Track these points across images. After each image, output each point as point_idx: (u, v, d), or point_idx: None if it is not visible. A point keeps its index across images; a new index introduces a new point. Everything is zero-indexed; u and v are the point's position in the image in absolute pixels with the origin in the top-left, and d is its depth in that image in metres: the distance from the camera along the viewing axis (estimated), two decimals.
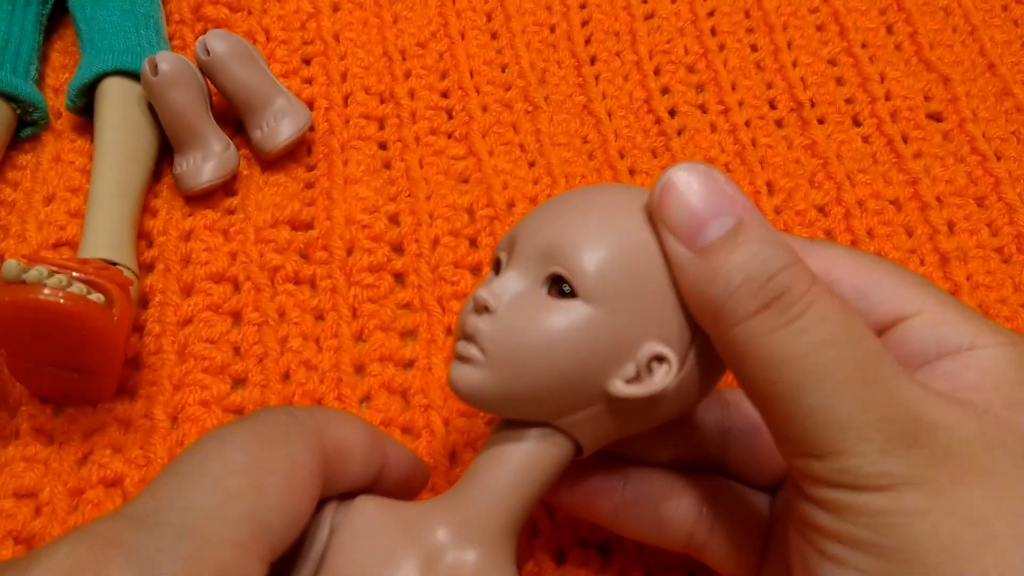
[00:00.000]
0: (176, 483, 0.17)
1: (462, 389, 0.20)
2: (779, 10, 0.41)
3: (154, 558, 0.16)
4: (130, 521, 0.16)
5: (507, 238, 0.21)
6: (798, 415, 0.18)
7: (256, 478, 0.18)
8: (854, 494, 0.18)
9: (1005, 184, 0.36)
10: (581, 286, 0.19)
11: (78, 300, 0.26)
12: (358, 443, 0.21)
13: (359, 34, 0.39)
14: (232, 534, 0.17)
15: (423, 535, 0.20)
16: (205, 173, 0.33)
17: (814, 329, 0.18)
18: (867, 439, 0.17)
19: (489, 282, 0.21)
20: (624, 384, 0.19)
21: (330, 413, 0.21)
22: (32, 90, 0.35)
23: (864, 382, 0.18)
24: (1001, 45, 0.40)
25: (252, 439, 0.18)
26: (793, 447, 0.18)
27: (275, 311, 0.32)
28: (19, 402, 0.29)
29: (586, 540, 0.28)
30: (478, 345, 0.20)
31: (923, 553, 0.17)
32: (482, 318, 0.20)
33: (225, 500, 0.17)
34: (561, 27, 0.40)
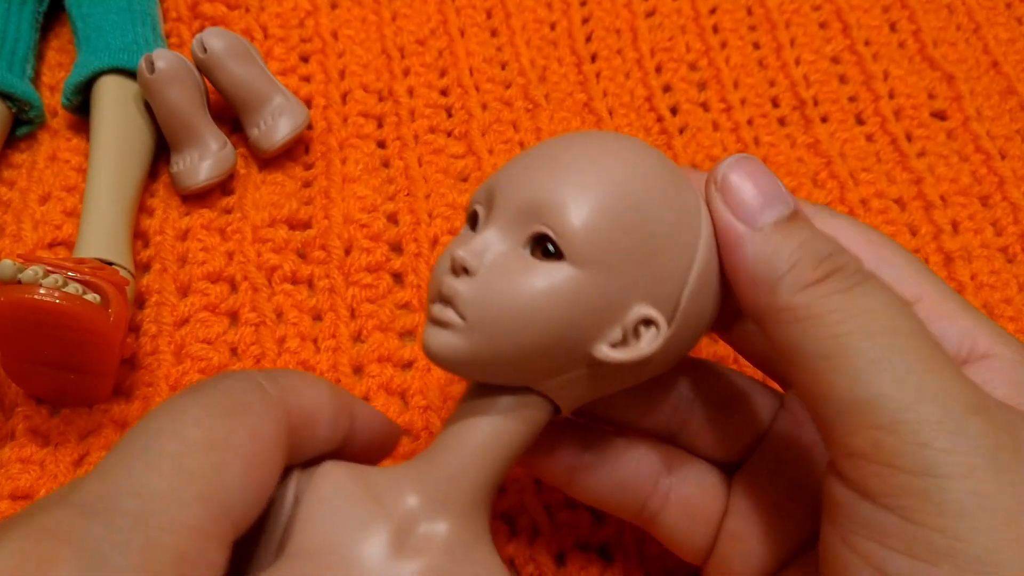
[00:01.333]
0: (128, 464, 0.16)
1: (439, 355, 0.19)
2: (781, 7, 0.40)
3: (106, 552, 0.15)
4: (80, 510, 0.15)
5: (484, 190, 0.20)
6: (867, 374, 0.17)
7: (215, 456, 0.16)
8: (929, 481, 0.16)
9: (1009, 183, 0.35)
10: (567, 247, 0.18)
11: (74, 300, 0.26)
12: (324, 408, 0.19)
13: (357, 31, 0.39)
14: (190, 519, 0.16)
15: (393, 503, 0.19)
16: (202, 172, 0.33)
17: (875, 295, 0.18)
18: (943, 403, 0.16)
19: (466, 240, 0.19)
20: (611, 348, 0.19)
21: (294, 377, 0.19)
22: (28, 88, 0.34)
23: (930, 348, 0.17)
24: (1005, 43, 0.40)
25: (211, 413, 0.17)
26: (857, 418, 0.17)
27: (272, 311, 0.31)
28: (15, 403, 0.29)
29: (587, 543, 0.28)
30: (456, 309, 0.19)
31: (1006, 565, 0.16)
32: (460, 280, 0.19)
33: (182, 482, 0.16)
34: (561, 24, 0.40)
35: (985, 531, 0.16)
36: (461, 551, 0.19)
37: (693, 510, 0.23)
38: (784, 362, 0.19)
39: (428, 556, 0.18)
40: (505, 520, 0.28)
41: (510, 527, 0.28)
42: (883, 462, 0.17)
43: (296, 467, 0.19)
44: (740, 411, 0.24)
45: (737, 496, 0.23)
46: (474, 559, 0.19)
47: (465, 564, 0.19)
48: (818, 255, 0.18)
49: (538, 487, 0.28)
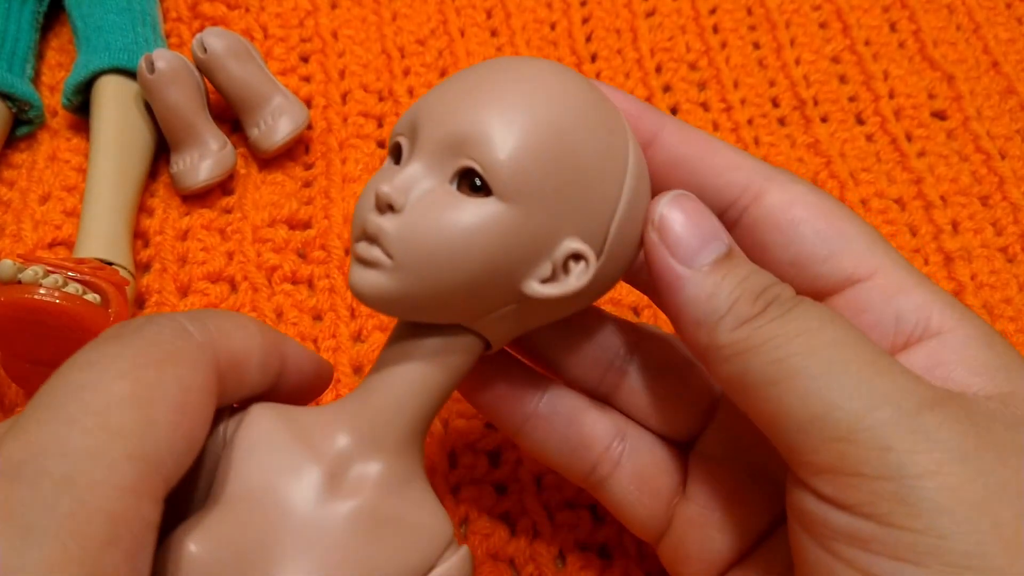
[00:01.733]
0: (50, 422, 0.15)
1: (367, 295, 0.18)
2: (781, 7, 0.40)
3: (34, 517, 0.14)
4: (3, 476, 0.14)
5: (407, 121, 0.19)
6: (817, 391, 0.17)
7: (143, 411, 0.16)
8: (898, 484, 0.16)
9: (1010, 183, 0.35)
10: (495, 182, 0.18)
11: (74, 300, 0.26)
12: (253, 350, 0.19)
13: (357, 31, 0.39)
14: (119, 479, 0.15)
15: (325, 444, 0.18)
16: (202, 172, 0.33)
17: (809, 316, 0.18)
18: (897, 404, 0.17)
19: (390, 175, 0.18)
20: (540, 284, 0.18)
21: (222, 319, 0.19)
22: (28, 88, 0.34)
23: (874, 355, 0.17)
24: (1005, 43, 0.40)
25: (136, 364, 0.16)
26: (815, 435, 0.17)
27: (273, 311, 0.31)
28: (15, 403, 0.29)
29: (586, 543, 0.28)
30: (382, 247, 0.18)
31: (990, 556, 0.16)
32: (386, 217, 0.18)
33: (109, 439, 0.15)
34: (561, 24, 0.40)
35: (965, 524, 0.16)
36: (395, 489, 0.19)
37: (643, 480, 0.23)
38: (735, 397, 0.19)
39: (362, 496, 0.18)
40: (505, 520, 0.28)
41: (510, 527, 0.28)
42: (851, 472, 0.17)
43: (226, 410, 0.19)
44: (680, 378, 0.23)
45: (693, 479, 0.23)
46: (408, 497, 0.19)
47: (399, 502, 0.19)
48: (755, 291, 0.19)
49: (538, 487, 0.28)
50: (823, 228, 0.20)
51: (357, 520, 0.18)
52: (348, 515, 0.18)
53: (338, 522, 0.18)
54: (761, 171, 0.21)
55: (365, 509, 0.18)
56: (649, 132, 0.21)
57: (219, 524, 0.17)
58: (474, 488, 0.28)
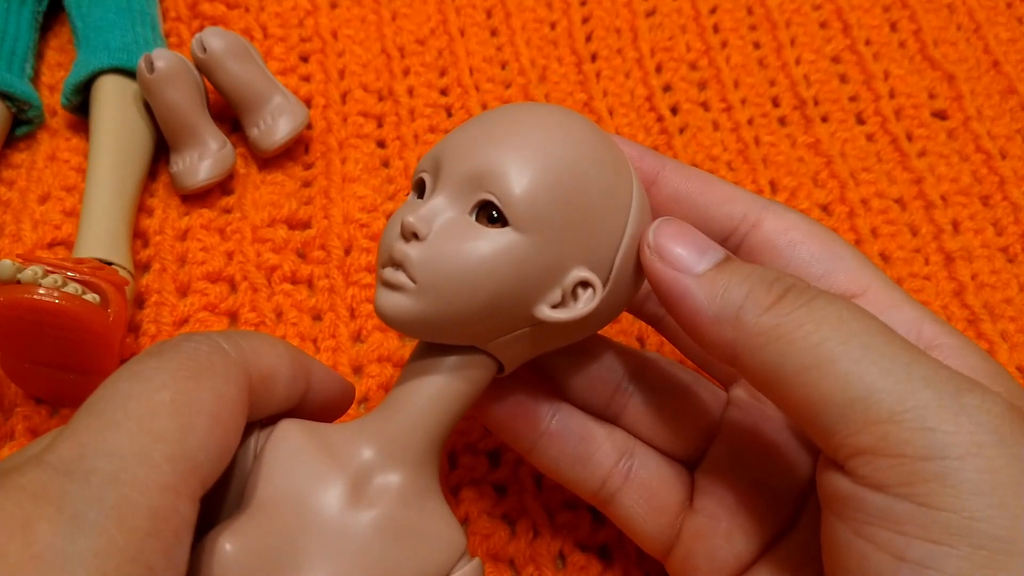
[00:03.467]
0: (99, 426, 0.17)
1: (391, 316, 0.20)
2: (782, 7, 0.40)
3: (83, 509, 0.15)
4: (55, 471, 0.16)
5: (430, 159, 0.21)
6: (854, 375, 0.17)
7: (183, 417, 0.17)
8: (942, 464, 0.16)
9: (1010, 183, 0.35)
10: (511, 214, 0.19)
11: (73, 300, 0.25)
12: (282, 368, 0.20)
13: (357, 31, 0.39)
14: (161, 477, 0.16)
15: (349, 457, 0.20)
16: (202, 172, 0.33)
17: (833, 304, 0.18)
18: (937, 386, 0.17)
19: (414, 207, 0.20)
20: (551, 309, 0.20)
21: (254, 339, 0.20)
22: (27, 88, 0.34)
23: (904, 341, 0.18)
24: (1005, 42, 0.40)
25: (176, 376, 0.18)
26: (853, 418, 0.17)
27: (272, 311, 0.31)
28: (14, 403, 0.29)
29: (586, 543, 0.28)
30: (407, 272, 0.19)
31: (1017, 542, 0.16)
32: (411, 245, 0.20)
33: (152, 442, 0.17)
34: (562, 24, 0.40)
35: (999, 507, 0.16)
36: (414, 500, 0.20)
37: (652, 496, 0.24)
38: (766, 386, 0.19)
39: (383, 505, 0.20)
40: (505, 520, 0.28)
41: (510, 527, 0.28)
42: (892, 453, 0.17)
43: (256, 424, 0.20)
44: (683, 401, 0.25)
45: (699, 493, 0.24)
46: (426, 508, 0.20)
47: (417, 513, 0.20)
48: (766, 280, 0.19)
49: (538, 487, 0.28)
50: (817, 250, 0.22)
51: (378, 528, 0.19)
52: (370, 523, 0.19)
53: (361, 529, 0.19)
54: (757, 201, 0.22)
55: (386, 518, 0.19)
56: (651, 172, 0.23)
57: (252, 527, 0.19)
58: (474, 488, 0.28)
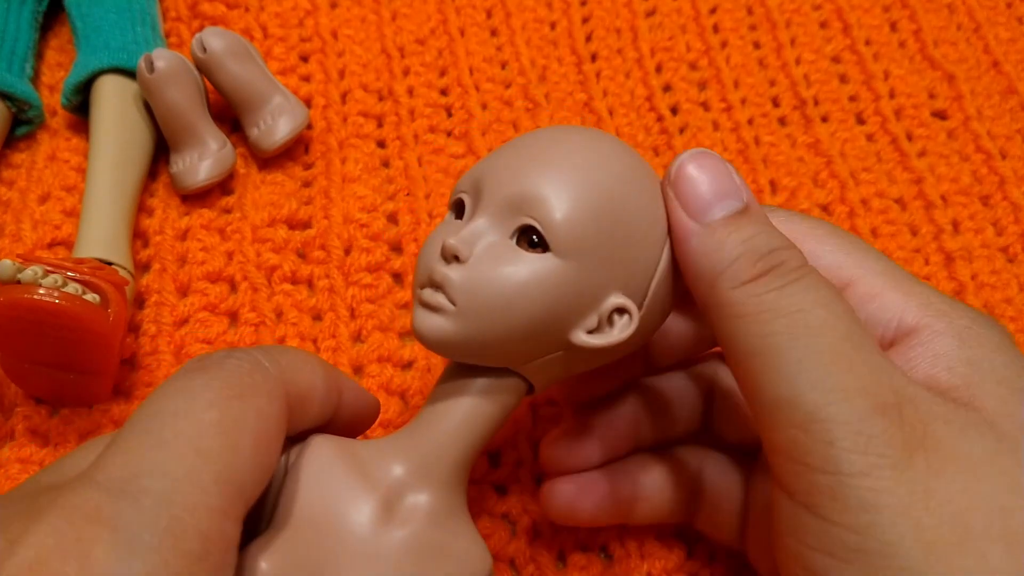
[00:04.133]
0: (149, 444, 0.17)
1: (430, 337, 0.20)
2: (782, 7, 0.40)
3: (138, 532, 0.15)
4: (108, 492, 0.16)
5: (471, 180, 0.21)
6: (789, 374, 0.18)
7: (229, 437, 0.17)
8: (836, 479, 0.17)
9: (1010, 183, 0.35)
10: (552, 239, 0.19)
11: (73, 300, 0.25)
12: (317, 386, 0.20)
13: (357, 31, 0.39)
14: (210, 500, 0.16)
15: (380, 475, 0.20)
16: (202, 172, 0.33)
17: (806, 293, 0.19)
18: (851, 404, 0.17)
19: (455, 228, 0.20)
20: (586, 335, 0.20)
21: (291, 356, 0.20)
22: (27, 88, 0.34)
23: (852, 346, 0.18)
24: (1005, 42, 0.40)
25: (222, 395, 0.18)
26: (779, 416, 0.18)
27: (272, 311, 0.31)
28: (14, 403, 0.29)
29: (587, 543, 0.28)
30: (447, 294, 0.19)
31: (906, 557, 0.17)
32: (451, 267, 0.20)
33: (201, 463, 0.17)
34: (562, 24, 0.40)
35: (886, 526, 0.17)
36: (443, 520, 0.20)
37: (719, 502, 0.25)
38: (724, 353, 0.20)
39: (414, 524, 0.20)
40: (506, 520, 0.28)
41: (511, 527, 0.28)
42: (797, 460, 0.18)
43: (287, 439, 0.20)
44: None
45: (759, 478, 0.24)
46: (454, 528, 0.20)
47: (446, 532, 0.20)
48: (758, 252, 0.19)
49: (538, 487, 0.28)
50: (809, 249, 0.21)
51: (409, 547, 0.19)
52: (401, 542, 0.19)
53: (392, 548, 0.19)
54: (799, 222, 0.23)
55: (416, 537, 0.19)
56: None
57: (286, 545, 0.18)
58: (474, 488, 0.28)
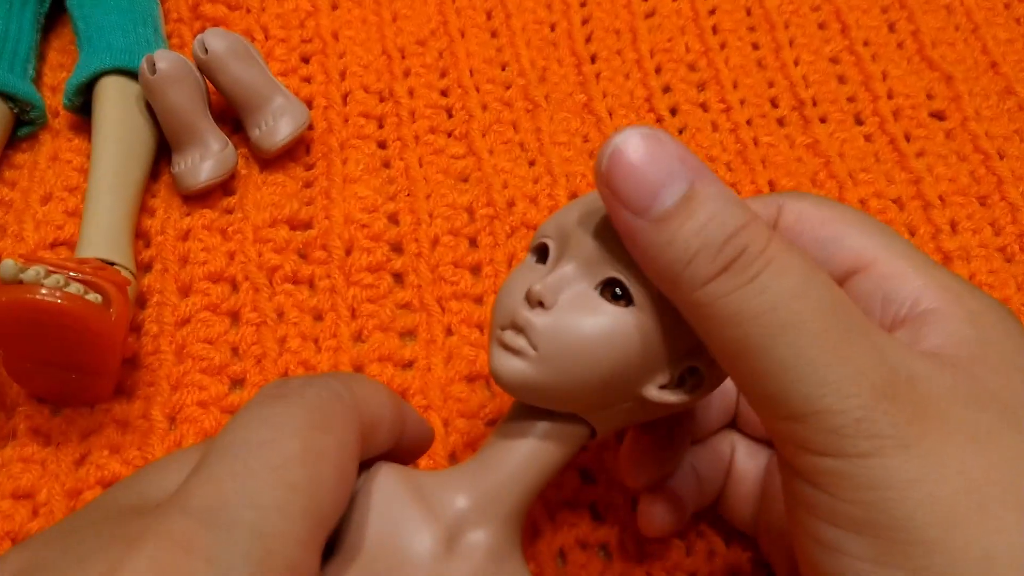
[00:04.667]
0: (238, 473, 0.17)
1: (508, 380, 0.20)
2: (780, 8, 0.41)
3: (232, 563, 0.15)
4: (201, 521, 0.16)
5: (556, 227, 0.21)
6: (773, 373, 0.17)
7: (313, 469, 0.17)
8: (841, 461, 0.17)
9: (1008, 183, 0.35)
10: (636, 294, 0.19)
11: (75, 300, 0.26)
12: (386, 415, 0.21)
13: (358, 32, 0.39)
14: (297, 531, 0.16)
15: (443, 506, 0.20)
16: (203, 172, 0.33)
17: (776, 284, 0.17)
18: (847, 393, 0.17)
19: (538, 273, 0.20)
20: (658, 390, 0.20)
21: (364, 385, 0.20)
22: (29, 89, 0.34)
23: (837, 333, 0.17)
24: (1003, 43, 0.40)
25: (305, 425, 0.18)
26: (772, 410, 0.18)
27: (273, 311, 0.31)
28: (16, 403, 0.29)
29: (587, 541, 0.28)
30: (529, 339, 0.20)
31: (921, 529, 0.17)
32: (535, 312, 0.20)
33: (288, 494, 0.17)
34: (561, 25, 0.40)
35: (898, 500, 0.17)
36: (499, 559, 0.20)
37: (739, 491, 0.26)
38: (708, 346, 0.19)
39: (474, 561, 0.20)
40: None
41: None
42: (800, 446, 0.18)
43: None
44: None
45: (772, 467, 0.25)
46: (510, 569, 0.20)
47: (503, 571, 0.20)
48: (716, 242, 0.17)
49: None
50: (822, 234, 0.21)
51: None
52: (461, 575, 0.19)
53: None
54: (770, 201, 0.22)
55: (477, 573, 0.20)
56: None
57: (353, 574, 0.19)
58: None
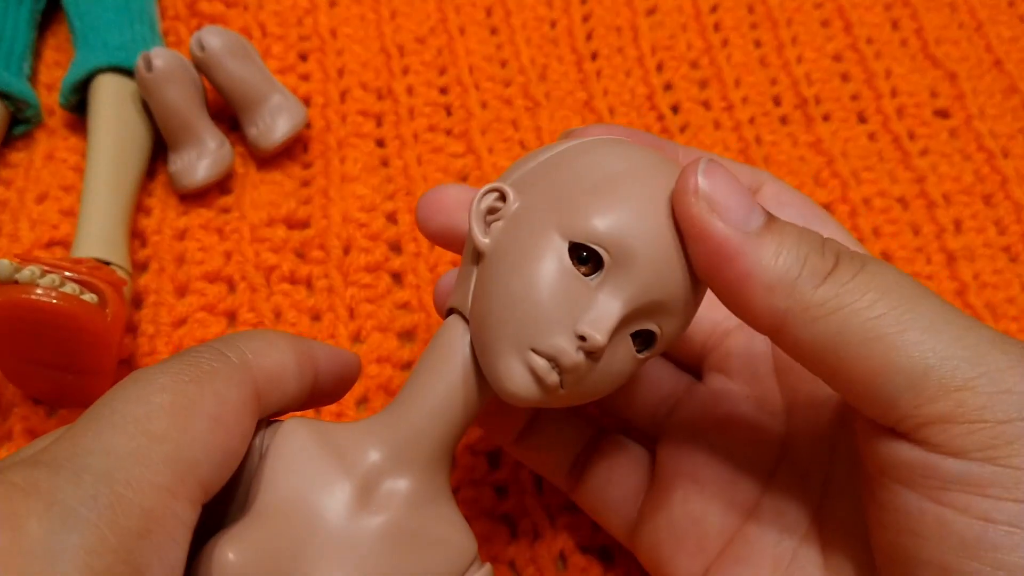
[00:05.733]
0: (96, 427, 0.17)
1: (522, 399, 0.19)
2: (783, 5, 0.40)
3: (74, 506, 0.15)
4: (48, 468, 0.16)
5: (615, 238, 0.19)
6: (921, 343, 0.17)
7: (181, 419, 0.17)
8: (1019, 425, 0.17)
9: (1012, 182, 0.35)
10: (661, 346, 0.20)
11: (71, 300, 0.25)
12: (288, 365, 0.20)
13: (356, 29, 0.39)
14: (156, 477, 0.16)
15: (356, 460, 0.19)
16: (200, 171, 0.33)
17: (884, 267, 0.18)
18: (997, 352, 0.17)
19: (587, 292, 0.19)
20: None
21: (255, 341, 0.20)
22: (25, 87, 0.34)
23: (957, 310, 0.18)
24: (1007, 41, 0.39)
25: (176, 380, 0.18)
26: (925, 388, 0.17)
27: (271, 311, 0.31)
28: (12, 404, 0.29)
29: (587, 545, 0.27)
30: (563, 378, 0.19)
31: None
32: (582, 359, 0.19)
33: (148, 443, 0.16)
34: (562, 22, 0.40)
35: None
36: (424, 505, 0.20)
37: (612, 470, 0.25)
38: (816, 359, 0.19)
39: (391, 511, 0.19)
40: (506, 522, 0.28)
41: (511, 529, 0.28)
42: (970, 420, 0.17)
43: (262, 422, 0.20)
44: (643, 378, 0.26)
45: (658, 466, 0.24)
46: (436, 513, 0.20)
47: (427, 518, 0.19)
48: (817, 244, 0.19)
49: (538, 489, 0.28)
50: (806, 212, 0.23)
51: (386, 534, 0.19)
52: (378, 529, 0.19)
53: (369, 536, 0.19)
54: (756, 173, 0.24)
55: (394, 524, 0.19)
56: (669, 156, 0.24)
57: (255, 534, 0.18)
58: (474, 489, 0.28)
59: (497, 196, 0.20)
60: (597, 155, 0.20)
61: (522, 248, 0.19)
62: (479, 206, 0.20)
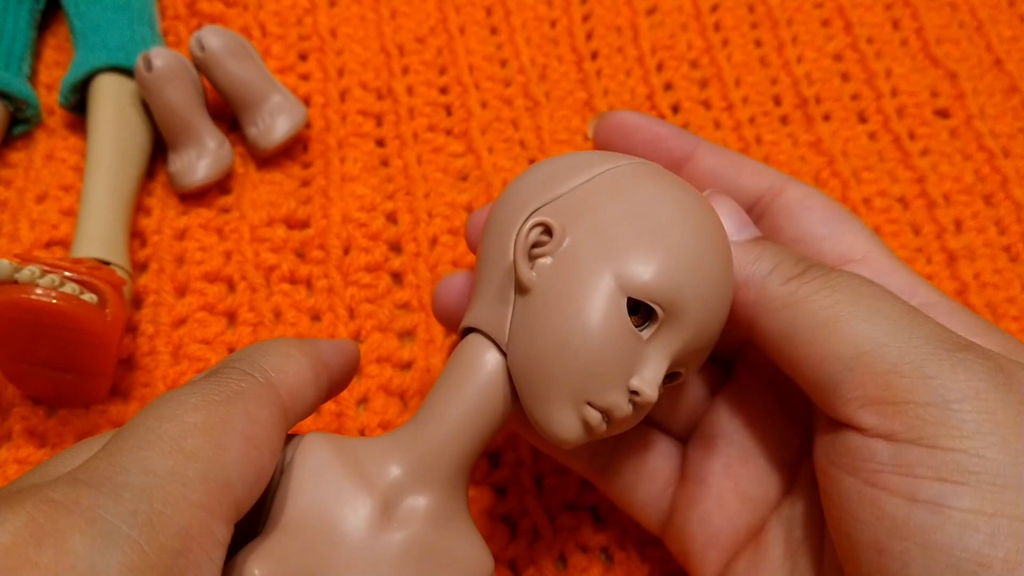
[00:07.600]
0: (132, 446, 0.17)
1: (567, 443, 0.20)
2: (783, 5, 0.40)
3: (115, 523, 0.15)
4: (87, 485, 0.16)
5: (668, 295, 0.19)
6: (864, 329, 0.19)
7: (214, 438, 0.17)
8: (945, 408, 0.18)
9: (1013, 181, 0.35)
10: (682, 381, 0.21)
11: (71, 300, 0.25)
12: (307, 377, 0.21)
13: (356, 29, 0.38)
14: (193, 495, 0.16)
15: (377, 476, 0.20)
16: (200, 171, 0.33)
17: (850, 275, 0.20)
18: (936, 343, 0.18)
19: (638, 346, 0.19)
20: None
21: (273, 356, 0.20)
22: (25, 87, 0.34)
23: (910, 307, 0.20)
24: (1008, 41, 0.39)
25: (207, 400, 0.18)
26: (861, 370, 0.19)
27: (271, 311, 0.31)
28: (11, 404, 0.29)
29: (588, 545, 0.27)
30: (609, 428, 0.20)
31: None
32: (632, 410, 0.20)
33: (184, 461, 0.17)
34: (562, 22, 0.40)
35: (1001, 445, 0.17)
36: (443, 522, 0.20)
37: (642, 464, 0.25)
38: (777, 348, 0.21)
39: (412, 527, 0.19)
40: (506, 522, 0.28)
41: (511, 529, 0.28)
42: (898, 401, 0.18)
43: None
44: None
45: (689, 463, 0.25)
46: (455, 531, 0.20)
47: (446, 535, 0.20)
48: (794, 257, 0.21)
49: (538, 489, 0.28)
50: (826, 215, 0.24)
51: (407, 551, 0.19)
52: (399, 546, 0.19)
53: (390, 552, 0.19)
54: (781, 176, 0.25)
55: (415, 541, 0.19)
56: (688, 149, 0.25)
57: (280, 551, 0.18)
58: (474, 489, 0.28)
59: (543, 230, 0.20)
60: (644, 193, 0.20)
61: (579, 295, 0.19)
62: (525, 240, 0.20)
